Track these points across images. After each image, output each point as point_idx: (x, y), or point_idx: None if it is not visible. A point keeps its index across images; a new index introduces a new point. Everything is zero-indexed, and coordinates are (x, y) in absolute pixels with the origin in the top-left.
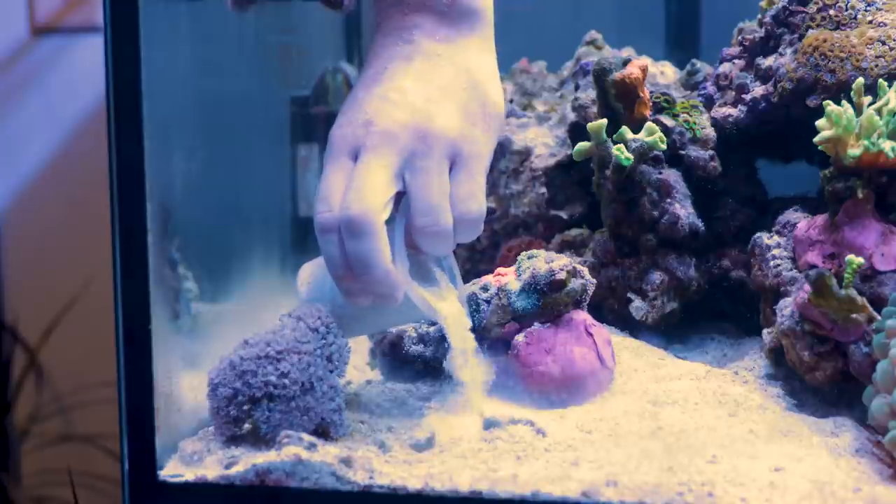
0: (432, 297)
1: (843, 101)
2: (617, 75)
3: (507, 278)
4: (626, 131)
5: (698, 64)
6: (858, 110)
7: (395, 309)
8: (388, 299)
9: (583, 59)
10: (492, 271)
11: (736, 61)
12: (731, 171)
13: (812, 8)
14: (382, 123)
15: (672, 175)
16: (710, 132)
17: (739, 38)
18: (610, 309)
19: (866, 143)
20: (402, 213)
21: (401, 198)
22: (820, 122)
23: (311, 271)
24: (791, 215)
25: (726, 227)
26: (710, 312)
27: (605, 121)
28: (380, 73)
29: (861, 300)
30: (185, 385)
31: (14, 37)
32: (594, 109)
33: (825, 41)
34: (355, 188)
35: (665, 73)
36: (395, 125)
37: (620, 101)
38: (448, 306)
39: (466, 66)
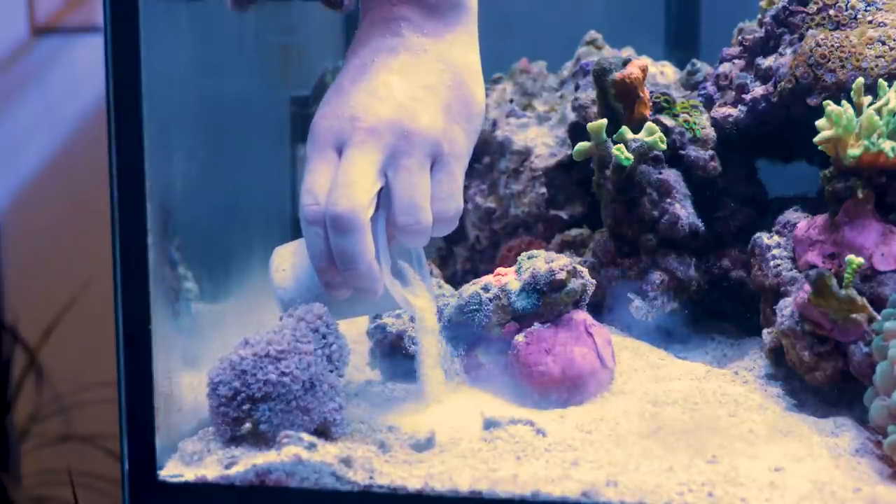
0: (408, 292)
1: (843, 101)
2: (617, 75)
3: (507, 278)
4: (626, 131)
5: (698, 64)
6: (858, 110)
7: (369, 299)
8: (368, 293)
9: (583, 59)
10: (492, 271)
11: (736, 61)
12: (731, 171)
13: (812, 8)
14: (368, 120)
15: (672, 175)
16: (710, 132)
17: (739, 38)
18: (610, 309)
19: (866, 142)
20: (382, 209)
21: (380, 192)
22: (820, 122)
23: (286, 258)
24: (791, 215)
25: (726, 227)
26: (710, 312)
27: (605, 121)
28: (367, 66)
29: (861, 300)
30: (185, 385)
31: (14, 37)
32: (594, 109)
33: (825, 41)
34: (342, 185)
35: (665, 73)
36: (380, 122)
37: (620, 101)
38: (421, 301)
39: (452, 62)
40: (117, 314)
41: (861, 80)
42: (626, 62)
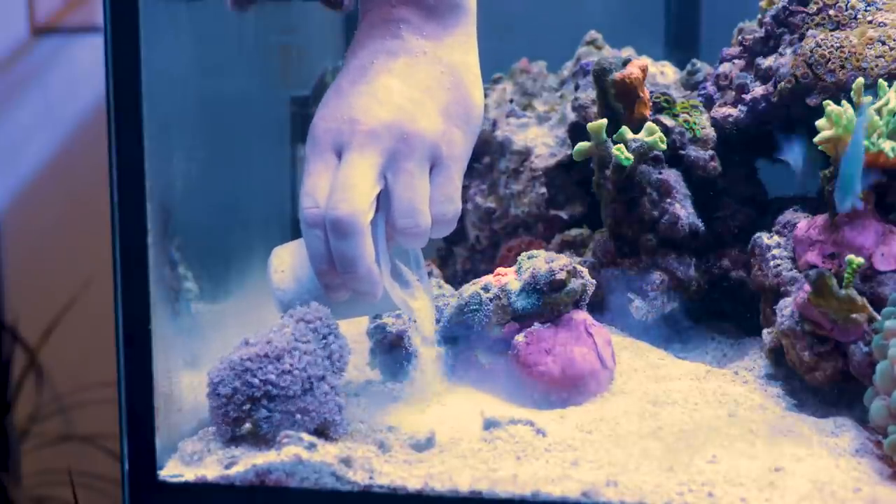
0: (407, 294)
1: (843, 101)
2: (617, 75)
3: (507, 278)
4: (626, 131)
5: (698, 64)
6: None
7: (368, 301)
8: (367, 296)
9: (583, 59)
10: (492, 271)
11: (736, 61)
12: (731, 171)
13: (812, 8)
14: (368, 122)
15: (672, 175)
16: (710, 132)
17: (739, 38)
18: (610, 309)
19: (866, 142)
20: (381, 211)
21: (379, 194)
22: (820, 122)
23: (284, 259)
24: (791, 215)
25: (726, 227)
26: (710, 312)
27: (605, 121)
28: (366, 68)
29: (861, 300)
30: (185, 385)
31: (14, 37)
32: (594, 109)
33: (825, 41)
34: (342, 188)
35: (665, 73)
36: (379, 125)
37: (620, 101)
38: (419, 303)
39: (451, 65)
40: (117, 314)
41: (861, 80)
42: (626, 62)
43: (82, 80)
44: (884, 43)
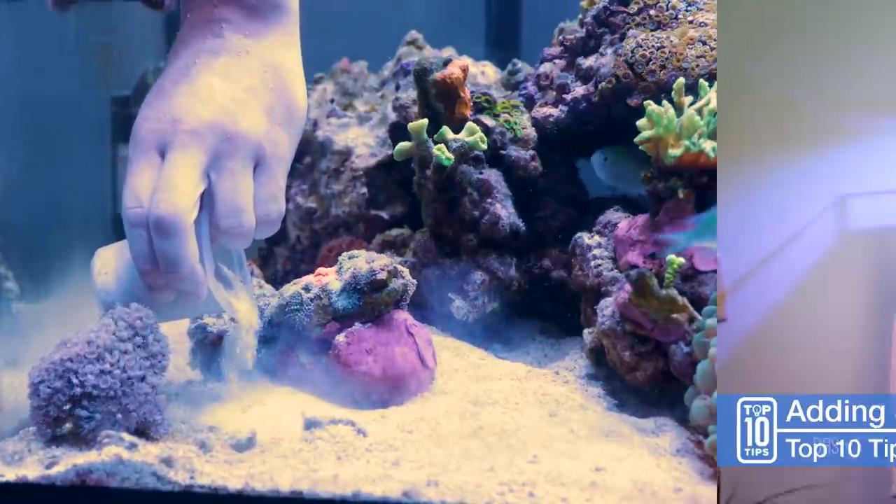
0: (231, 295)
1: (664, 101)
2: (437, 75)
3: (328, 278)
4: (446, 131)
5: (519, 64)
6: (679, 110)
7: (192, 302)
8: (191, 296)
9: (403, 59)
10: (313, 271)
11: (557, 61)
12: (552, 171)
13: (633, 8)
14: (190, 122)
15: (493, 175)
16: (531, 132)
17: (560, 38)
18: (431, 309)
19: (687, 142)
20: (205, 211)
21: (203, 194)
22: (641, 122)
23: (108, 260)
24: (612, 215)
25: (547, 227)
26: (531, 312)
27: (425, 121)
28: (188, 67)
29: (682, 300)
30: (6, 385)
31: None
32: (415, 109)
33: (646, 41)
34: (164, 188)
35: (486, 73)
36: (202, 125)
37: (441, 101)
38: (242, 304)
39: (273, 64)
40: None
41: (682, 80)
42: (446, 62)
43: None
44: (704, 43)
